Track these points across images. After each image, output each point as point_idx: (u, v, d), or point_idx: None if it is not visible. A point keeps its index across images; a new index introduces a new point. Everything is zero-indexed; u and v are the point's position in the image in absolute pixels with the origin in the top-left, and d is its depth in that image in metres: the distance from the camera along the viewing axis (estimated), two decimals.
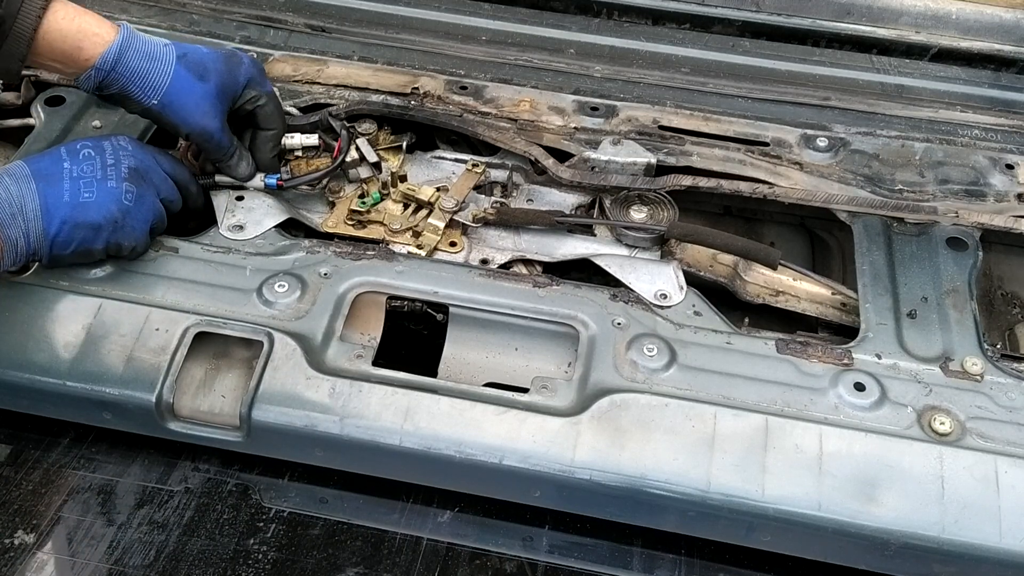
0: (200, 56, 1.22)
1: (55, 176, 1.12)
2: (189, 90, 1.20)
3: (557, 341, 1.19)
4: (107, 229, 1.13)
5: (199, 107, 1.21)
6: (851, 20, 1.69)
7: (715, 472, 1.04)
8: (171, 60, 1.19)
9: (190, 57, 1.21)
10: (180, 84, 1.19)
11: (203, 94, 1.21)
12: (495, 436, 1.06)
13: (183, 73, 1.19)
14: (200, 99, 1.21)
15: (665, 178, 1.36)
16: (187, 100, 1.20)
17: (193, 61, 1.21)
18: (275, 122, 1.31)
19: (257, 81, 1.28)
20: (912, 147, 1.46)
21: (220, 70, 1.22)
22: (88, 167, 1.14)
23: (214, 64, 1.22)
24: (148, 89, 1.18)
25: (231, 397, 1.12)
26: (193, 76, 1.20)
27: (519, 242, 1.32)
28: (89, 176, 1.13)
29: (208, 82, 1.21)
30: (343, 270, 1.20)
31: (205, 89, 1.21)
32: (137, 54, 1.17)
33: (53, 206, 1.10)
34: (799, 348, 1.15)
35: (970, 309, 1.21)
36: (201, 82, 1.20)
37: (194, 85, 1.20)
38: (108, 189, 1.13)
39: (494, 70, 1.56)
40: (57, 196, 1.10)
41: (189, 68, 1.20)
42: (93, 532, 1.06)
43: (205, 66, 1.21)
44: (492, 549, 1.09)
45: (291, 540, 1.07)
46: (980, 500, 1.02)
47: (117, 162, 1.16)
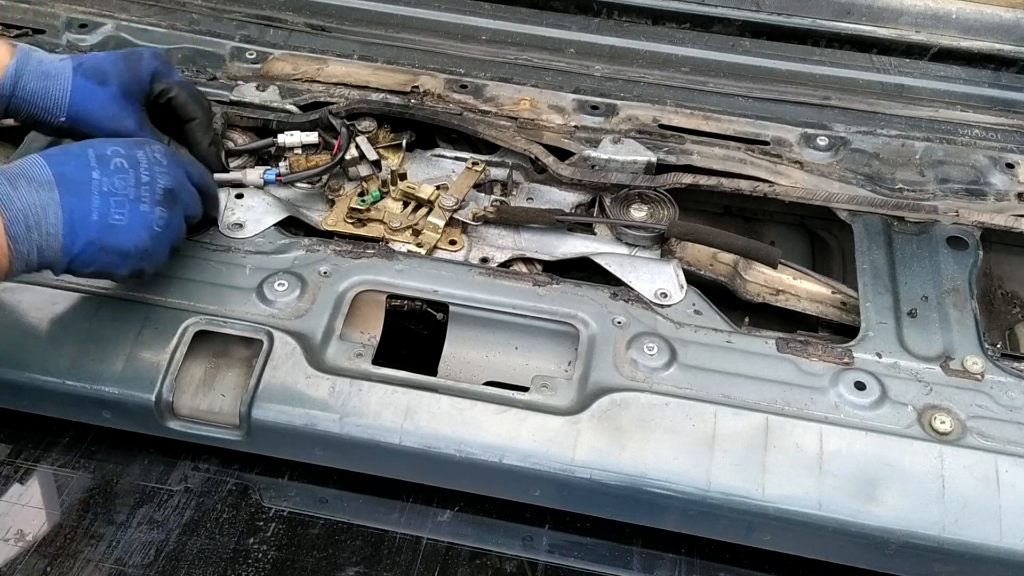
0: (96, 61, 1.19)
1: (82, 187, 1.02)
2: (92, 98, 1.16)
3: (557, 340, 1.19)
4: (135, 257, 1.05)
5: (107, 112, 1.17)
6: (851, 20, 1.69)
7: (715, 471, 1.04)
8: (67, 74, 1.16)
9: (87, 65, 1.18)
10: (82, 95, 1.16)
11: (108, 98, 1.17)
12: (495, 435, 1.06)
13: (82, 83, 1.16)
14: (106, 104, 1.17)
15: (665, 176, 1.36)
16: (93, 109, 1.16)
17: (90, 68, 1.17)
18: (194, 110, 1.26)
19: (162, 73, 1.24)
20: (912, 146, 1.46)
21: (120, 71, 1.19)
22: (120, 182, 1.04)
23: (112, 66, 1.19)
24: (52, 108, 1.15)
25: (231, 396, 1.12)
26: (93, 83, 1.16)
27: (519, 241, 1.32)
28: (121, 194, 1.04)
29: (110, 85, 1.17)
30: (343, 269, 1.20)
31: (109, 93, 1.17)
32: (32, 75, 1.14)
33: (79, 224, 1.01)
34: (799, 347, 1.15)
35: (970, 308, 1.21)
36: (103, 87, 1.17)
37: (96, 91, 1.16)
38: (141, 213, 1.05)
39: (494, 69, 1.56)
40: (85, 213, 1.01)
41: (87, 76, 1.17)
42: (93, 531, 1.06)
43: (103, 70, 1.18)
44: (492, 549, 1.09)
45: (291, 540, 1.07)
46: (981, 499, 1.02)
47: (152, 181, 1.07)
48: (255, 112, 1.41)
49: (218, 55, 1.55)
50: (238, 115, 1.40)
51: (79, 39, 1.55)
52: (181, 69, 1.51)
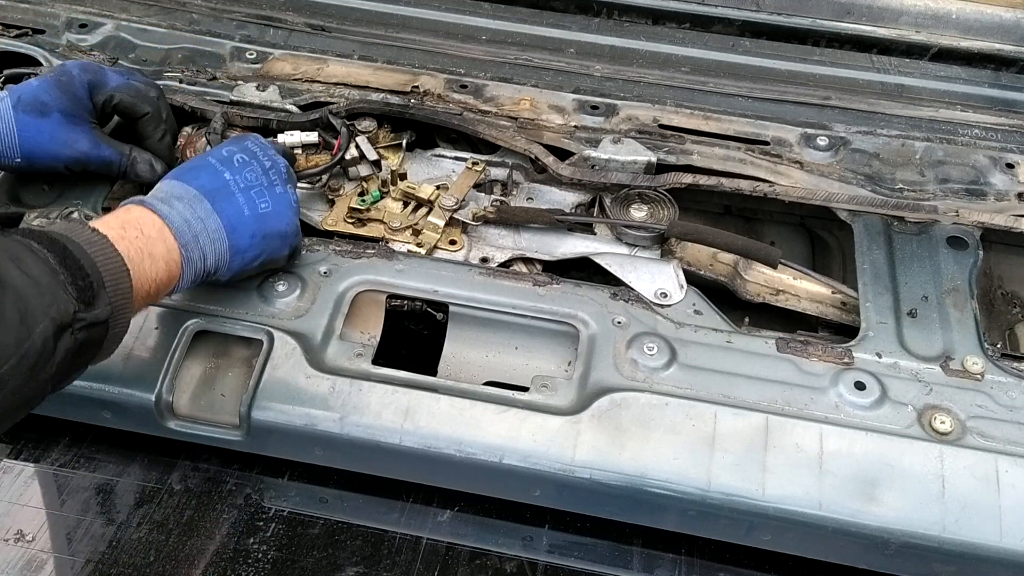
0: (32, 92, 1.18)
1: (225, 191, 1.07)
2: (39, 133, 1.17)
3: (557, 340, 1.19)
4: (291, 235, 1.13)
5: (58, 141, 1.18)
6: (851, 20, 1.69)
7: (715, 471, 1.04)
8: (9, 115, 1.15)
9: (24, 99, 1.17)
10: (29, 132, 1.16)
11: (55, 127, 1.17)
12: (495, 435, 1.06)
13: (25, 119, 1.16)
14: (54, 133, 1.17)
15: (665, 176, 1.36)
16: (44, 144, 1.17)
17: (28, 102, 1.17)
18: (140, 107, 1.26)
19: (98, 83, 1.22)
20: (912, 146, 1.46)
21: (57, 95, 1.18)
22: (251, 175, 1.10)
23: (48, 94, 1.18)
24: (4, 151, 1.16)
25: (231, 396, 1.12)
26: (35, 117, 1.16)
27: (519, 240, 1.32)
28: (257, 185, 1.10)
29: (51, 113, 1.17)
30: (343, 268, 1.20)
31: (54, 123, 1.17)
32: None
33: (237, 222, 1.07)
34: (799, 347, 1.15)
35: (970, 308, 1.21)
36: (45, 118, 1.17)
37: (40, 126, 1.17)
38: (279, 195, 1.11)
39: (494, 69, 1.56)
40: (237, 211, 1.07)
41: (28, 111, 1.16)
42: (93, 531, 1.06)
43: (41, 100, 1.17)
44: (492, 549, 1.09)
45: (291, 540, 1.07)
46: (981, 499, 1.02)
47: (274, 164, 1.13)
48: (255, 112, 1.41)
49: (218, 55, 1.55)
50: (238, 115, 1.40)
51: (79, 39, 1.55)
52: (181, 69, 1.51)
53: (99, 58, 1.50)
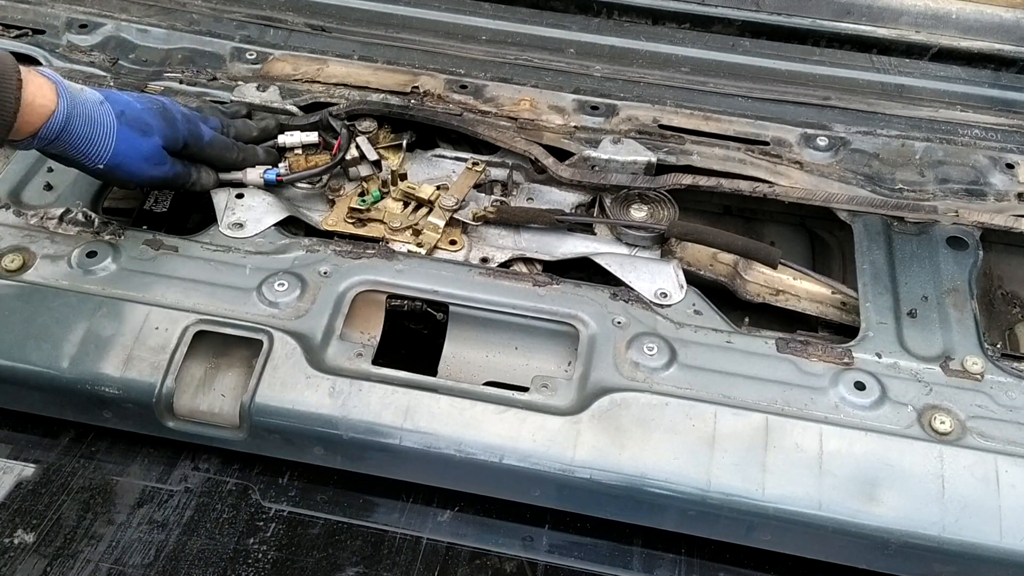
0: (137, 112, 1.19)
1: None
2: (136, 148, 1.17)
3: (557, 340, 1.19)
4: None
5: (149, 161, 1.19)
6: (851, 20, 1.69)
7: (715, 471, 1.04)
8: (112, 123, 1.15)
9: (128, 115, 1.17)
10: (125, 145, 1.16)
11: (150, 150, 1.19)
12: (495, 435, 1.06)
13: (127, 133, 1.17)
14: (149, 154, 1.19)
15: (665, 177, 1.36)
16: (135, 158, 1.18)
17: (133, 118, 1.18)
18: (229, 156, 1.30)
19: (193, 133, 1.25)
20: (912, 146, 1.46)
21: (160, 126, 1.20)
22: None
23: (154, 119, 1.20)
24: (93, 155, 1.15)
25: (231, 396, 1.12)
26: (137, 133, 1.17)
27: (519, 241, 1.32)
28: None
29: (152, 136, 1.19)
30: (343, 269, 1.20)
31: (151, 145, 1.19)
32: (80, 121, 1.12)
33: None
34: (799, 347, 1.15)
35: (970, 308, 1.21)
36: (146, 138, 1.18)
37: (139, 143, 1.18)
38: None
39: (494, 69, 1.56)
40: None
41: (131, 126, 1.17)
42: (93, 531, 1.06)
43: (146, 122, 1.19)
44: (492, 549, 1.09)
45: (291, 540, 1.07)
46: (980, 499, 1.02)
47: None
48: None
49: (218, 55, 1.55)
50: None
51: (79, 39, 1.55)
52: (181, 69, 1.51)
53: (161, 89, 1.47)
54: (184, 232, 1.26)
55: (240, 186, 1.31)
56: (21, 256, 1.18)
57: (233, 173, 1.31)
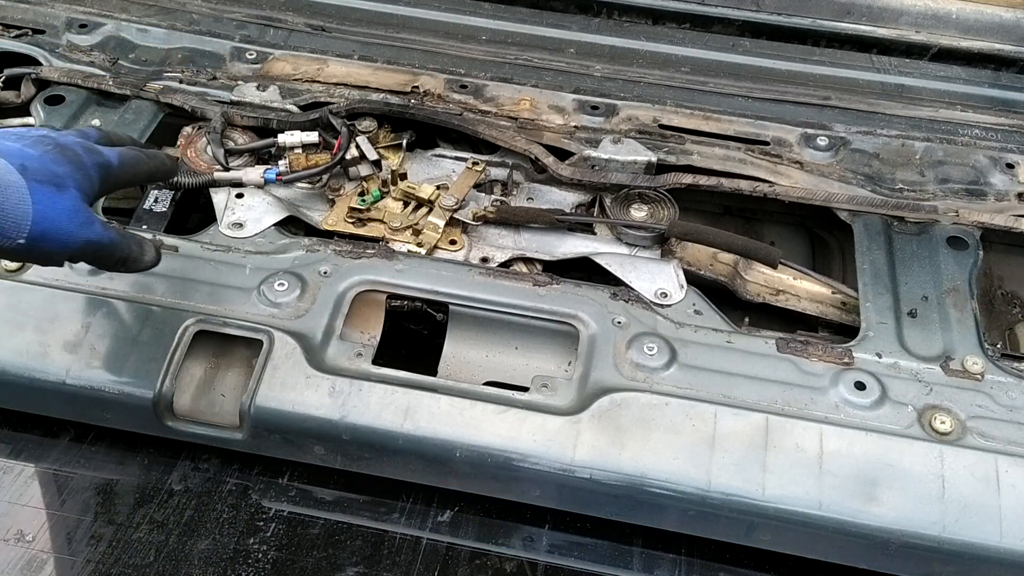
0: (42, 163, 0.94)
1: None
2: (57, 210, 0.92)
3: (557, 340, 1.19)
4: None
5: (75, 221, 0.94)
6: (851, 20, 1.69)
7: (715, 471, 1.04)
8: (19, 182, 0.90)
9: (31, 167, 0.92)
10: (45, 209, 0.91)
11: (72, 206, 0.94)
12: (495, 435, 1.06)
13: (43, 193, 0.91)
14: (73, 213, 0.94)
15: (665, 176, 1.36)
16: (62, 223, 0.93)
17: (39, 171, 0.92)
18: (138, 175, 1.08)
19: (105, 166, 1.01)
20: (912, 146, 1.46)
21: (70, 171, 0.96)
22: None
23: (61, 167, 0.95)
24: (9, 229, 0.89)
25: (231, 396, 1.12)
26: (51, 190, 0.92)
27: (519, 240, 1.32)
28: None
29: (67, 190, 0.94)
30: (343, 268, 1.20)
31: (71, 199, 0.94)
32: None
33: None
34: (799, 347, 1.15)
35: (970, 308, 1.21)
36: (62, 193, 0.93)
37: (58, 201, 0.93)
38: None
39: (494, 69, 1.56)
40: None
41: (40, 180, 0.92)
42: (93, 531, 1.06)
43: (54, 172, 0.94)
44: (492, 549, 1.08)
45: (291, 540, 1.07)
46: (981, 499, 1.02)
47: None
48: (255, 112, 1.41)
49: (218, 55, 1.55)
50: (238, 115, 1.40)
51: (79, 39, 1.55)
52: (181, 69, 1.51)
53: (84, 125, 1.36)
54: (184, 232, 1.26)
55: (239, 185, 1.31)
56: None
57: (232, 173, 1.31)
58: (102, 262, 1.02)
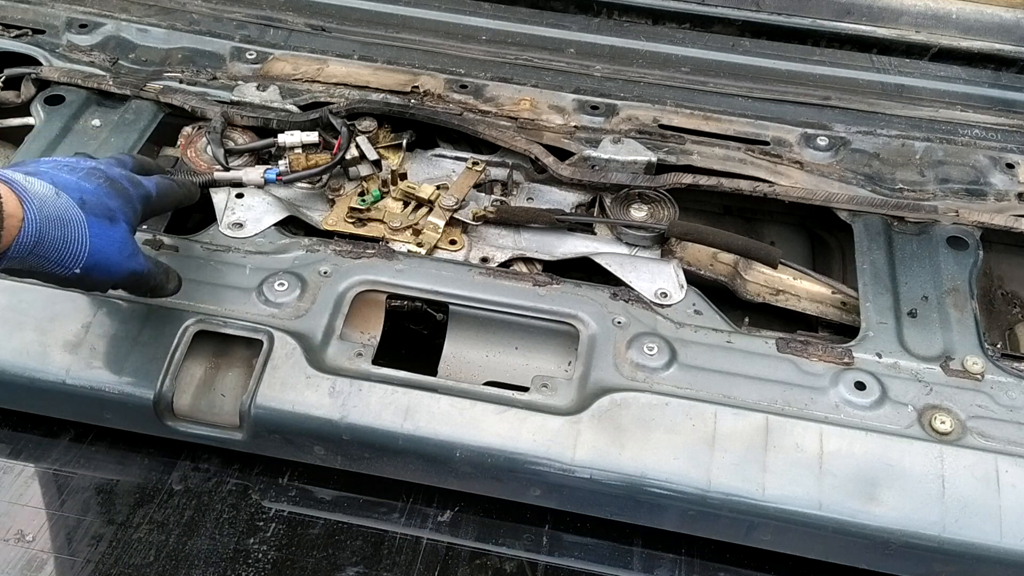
0: (97, 196, 1.00)
1: None
2: (110, 243, 0.99)
3: (557, 340, 1.19)
4: None
5: (124, 254, 1.01)
6: (851, 20, 1.69)
7: (715, 471, 1.04)
8: (80, 216, 0.97)
9: (89, 202, 0.99)
10: (100, 242, 0.98)
11: (122, 240, 1.01)
12: (495, 435, 1.06)
13: (98, 227, 0.98)
14: (123, 246, 1.01)
15: (665, 176, 1.36)
16: (112, 256, 1.00)
17: (95, 205, 0.99)
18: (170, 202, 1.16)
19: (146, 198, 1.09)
20: (912, 146, 1.46)
21: (121, 205, 1.03)
22: None
23: (113, 201, 1.02)
24: (69, 260, 0.96)
25: (231, 396, 1.12)
26: (105, 222, 0.99)
27: (519, 240, 1.32)
28: None
29: (119, 224, 1.01)
30: (343, 268, 1.20)
31: (122, 233, 1.01)
32: (51, 224, 0.93)
33: None
34: (799, 347, 1.15)
35: (970, 308, 1.21)
36: (114, 227, 1.00)
37: (111, 235, 0.99)
38: None
39: (494, 69, 1.56)
40: None
41: (96, 214, 0.99)
42: (93, 531, 1.06)
43: (108, 207, 1.01)
44: (492, 549, 1.09)
45: (291, 540, 1.07)
46: (981, 499, 1.02)
47: None
48: (255, 112, 1.41)
49: (218, 55, 1.55)
50: (238, 115, 1.40)
51: (79, 39, 1.55)
52: (181, 69, 1.51)
53: None
54: (184, 232, 1.26)
55: (239, 185, 1.31)
56: None
57: (232, 173, 1.31)
58: (138, 290, 1.09)
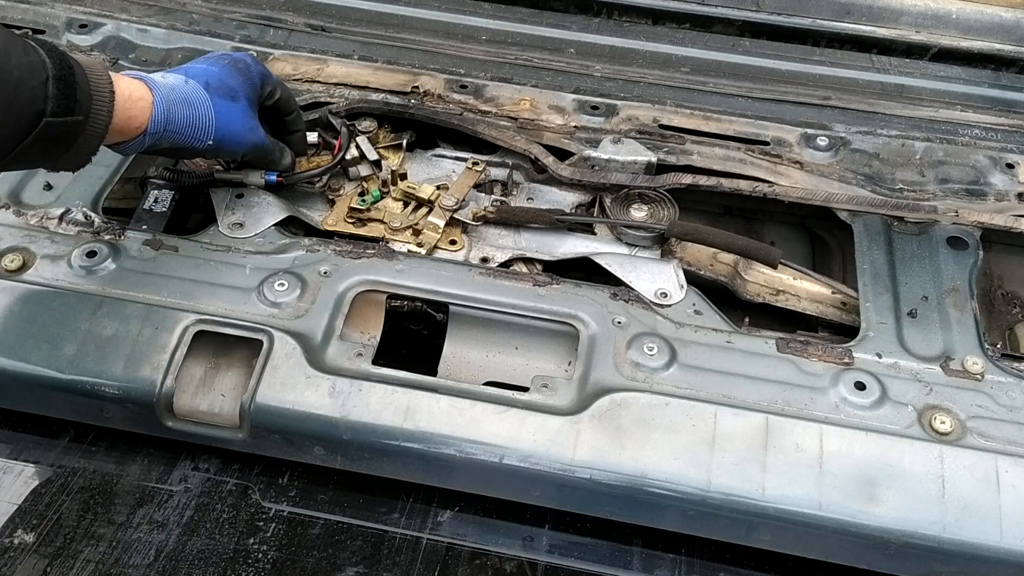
0: (220, 78, 1.20)
1: None
2: (232, 118, 1.19)
3: (557, 340, 1.19)
4: None
5: (246, 127, 1.21)
6: (851, 20, 1.69)
7: (715, 471, 1.04)
8: (206, 98, 1.16)
9: (214, 84, 1.18)
10: (224, 118, 1.17)
11: (243, 115, 1.20)
12: (495, 435, 1.06)
13: (221, 104, 1.18)
14: (244, 120, 1.21)
15: (665, 176, 1.36)
16: (236, 128, 1.19)
17: (218, 87, 1.19)
18: (293, 104, 1.33)
19: (266, 75, 1.27)
20: (912, 146, 1.46)
21: (242, 83, 1.21)
22: None
23: (234, 80, 1.21)
24: (201, 134, 1.16)
25: (231, 396, 1.12)
26: (228, 101, 1.19)
27: (519, 241, 1.32)
28: None
29: (240, 100, 1.20)
30: (343, 269, 1.20)
31: (242, 109, 1.20)
32: (178, 106, 1.13)
33: None
34: (799, 347, 1.15)
35: (970, 308, 1.21)
36: (235, 103, 1.19)
37: (233, 110, 1.19)
38: None
39: (494, 69, 1.56)
40: None
41: (222, 95, 1.18)
42: (93, 531, 1.06)
43: (230, 86, 1.20)
44: (492, 549, 1.09)
45: (291, 540, 1.07)
46: (981, 499, 1.02)
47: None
48: None
49: None
50: None
51: (79, 39, 1.55)
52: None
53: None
54: (184, 232, 1.26)
55: (240, 186, 1.31)
56: (21, 256, 1.18)
57: (232, 173, 1.31)
58: (260, 162, 1.29)
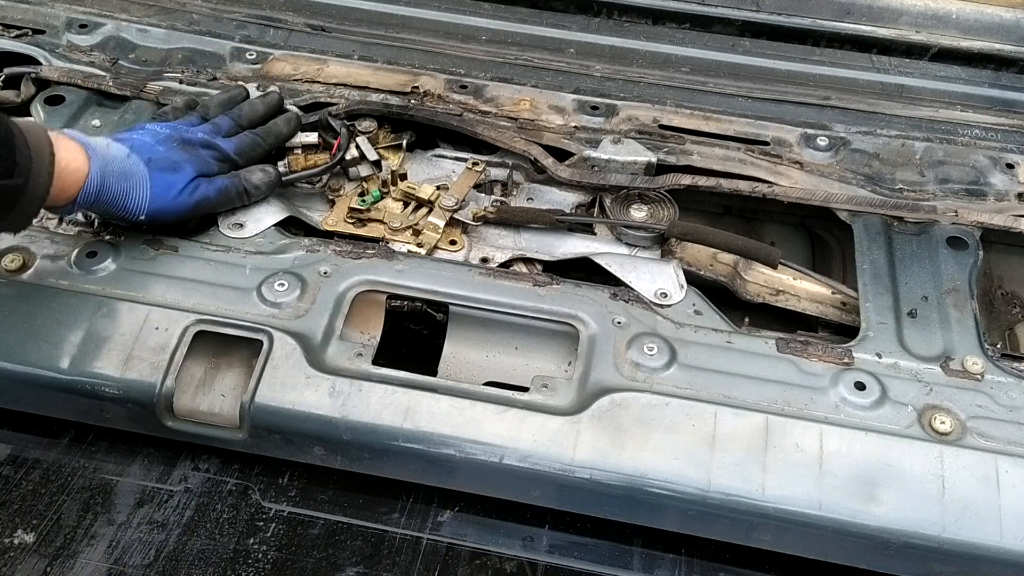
0: (163, 155, 1.19)
1: None
2: (172, 186, 1.17)
3: (557, 340, 1.19)
4: None
5: (185, 191, 1.19)
6: (851, 20, 1.69)
7: (715, 471, 1.04)
8: (143, 172, 1.16)
9: (156, 160, 1.18)
10: (160, 189, 1.16)
11: (184, 182, 1.19)
12: (495, 435, 1.06)
13: (159, 177, 1.17)
14: (183, 185, 1.18)
15: (665, 177, 1.36)
16: (172, 205, 1.18)
17: (159, 160, 1.18)
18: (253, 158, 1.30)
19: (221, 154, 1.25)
20: (912, 146, 1.46)
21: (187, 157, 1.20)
22: None
23: (178, 154, 1.20)
24: (133, 208, 1.15)
25: (231, 396, 1.12)
26: (168, 173, 1.18)
27: (519, 241, 1.32)
28: None
29: (182, 169, 1.19)
30: (343, 269, 1.20)
31: (184, 177, 1.19)
32: (113, 179, 1.13)
33: None
34: (799, 347, 1.15)
35: (970, 308, 1.21)
36: (177, 173, 1.18)
37: (173, 180, 1.18)
38: None
39: (494, 69, 1.56)
40: None
41: (161, 168, 1.17)
42: (93, 531, 1.06)
43: (172, 160, 1.19)
44: (492, 549, 1.09)
45: (291, 540, 1.07)
46: (981, 499, 1.02)
47: None
48: None
49: (218, 55, 1.55)
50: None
51: (79, 39, 1.55)
52: (181, 69, 1.51)
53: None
54: (184, 232, 1.26)
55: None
56: (21, 256, 1.18)
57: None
58: (222, 207, 1.25)
